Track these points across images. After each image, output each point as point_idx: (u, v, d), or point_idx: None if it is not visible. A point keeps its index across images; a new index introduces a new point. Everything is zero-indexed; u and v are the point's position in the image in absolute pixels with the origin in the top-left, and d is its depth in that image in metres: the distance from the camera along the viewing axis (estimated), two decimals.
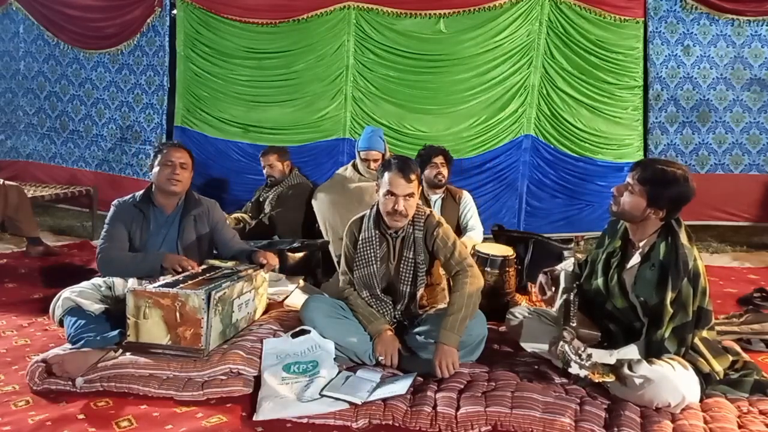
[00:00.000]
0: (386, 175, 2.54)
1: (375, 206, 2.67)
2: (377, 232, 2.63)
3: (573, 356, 2.17)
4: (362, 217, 2.69)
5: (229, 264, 2.83)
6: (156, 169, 2.86)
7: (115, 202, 2.91)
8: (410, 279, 2.61)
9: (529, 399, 2.16)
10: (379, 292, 2.62)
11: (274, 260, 2.93)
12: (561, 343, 2.22)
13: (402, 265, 2.61)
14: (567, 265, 2.67)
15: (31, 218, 4.44)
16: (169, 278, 2.56)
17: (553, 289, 2.52)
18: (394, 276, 2.63)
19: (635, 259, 2.33)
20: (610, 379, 2.16)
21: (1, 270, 3.98)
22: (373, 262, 2.61)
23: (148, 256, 2.78)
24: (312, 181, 4.45)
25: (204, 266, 2.77)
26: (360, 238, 2.63)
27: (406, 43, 5.00)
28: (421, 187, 2.68)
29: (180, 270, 2.66)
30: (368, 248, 2.61)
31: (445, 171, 3.76)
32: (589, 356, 2.17)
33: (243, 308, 2.68)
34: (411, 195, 2.52)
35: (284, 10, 5.07)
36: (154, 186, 2.91)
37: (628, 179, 2.31)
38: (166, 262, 2.71)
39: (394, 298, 2.65)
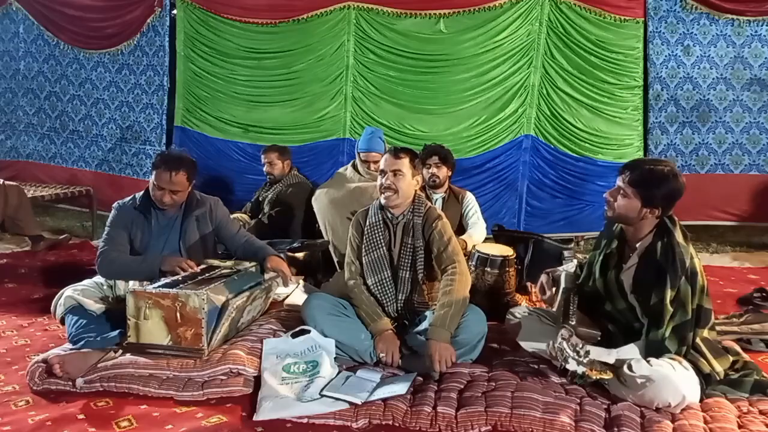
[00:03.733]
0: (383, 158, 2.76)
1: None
2: (381, 217, 2.72)
3: (571, 352, 2.16)
4: (368, 208, 2.81)
5: (228, 263, 2.83)
6: (151, 182, 2.80)
7: (116, 204, 2.88)
8: (409, 264, 2.69)
9: (529, 399, 2.16)
10: (388, 275, 2.69)
11: (285, 269, 2.86)
12: (559, 339, 2.21)
13: (402, 251, 2.70)
14: (569, 267, 2.68)
15: (31, 218, 4.46)
16: (169, 278, 2.56)
17: (554, 289, 2.52)
18: (396, 263, 2.71)
19: (633, 259, 2.33)
20: (607, 376, 2.16)
21: (1, 270, 3.98)
22: (382, 244, 2.70)
23: (147, 258, 2.76)
24: (312, 181, 4.45)
25: (203, 266, 2.77)
26: (367, 224, 2.74)
27: (406, 43, 5.00)
28: (416, 172, 2.73)
29: (179, 272, 2.64)
30: (376, 232, 2.72)
31: (440, 171, 3.74)
32: (587, 353, 2.17)
33: (250, 313, 2.71)
34: (398, 171, 2.65)
35: (284, 10, 5.07)
36: None
37: (619, 183, 2.31)
38: (165, 265, 2.68)
39: (397, 285, 2.71)
